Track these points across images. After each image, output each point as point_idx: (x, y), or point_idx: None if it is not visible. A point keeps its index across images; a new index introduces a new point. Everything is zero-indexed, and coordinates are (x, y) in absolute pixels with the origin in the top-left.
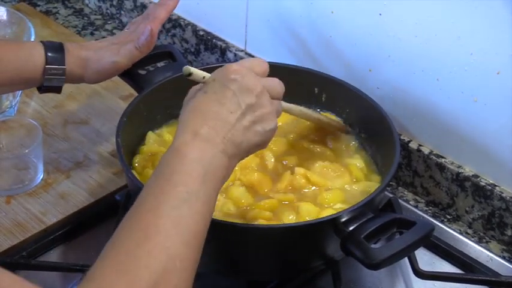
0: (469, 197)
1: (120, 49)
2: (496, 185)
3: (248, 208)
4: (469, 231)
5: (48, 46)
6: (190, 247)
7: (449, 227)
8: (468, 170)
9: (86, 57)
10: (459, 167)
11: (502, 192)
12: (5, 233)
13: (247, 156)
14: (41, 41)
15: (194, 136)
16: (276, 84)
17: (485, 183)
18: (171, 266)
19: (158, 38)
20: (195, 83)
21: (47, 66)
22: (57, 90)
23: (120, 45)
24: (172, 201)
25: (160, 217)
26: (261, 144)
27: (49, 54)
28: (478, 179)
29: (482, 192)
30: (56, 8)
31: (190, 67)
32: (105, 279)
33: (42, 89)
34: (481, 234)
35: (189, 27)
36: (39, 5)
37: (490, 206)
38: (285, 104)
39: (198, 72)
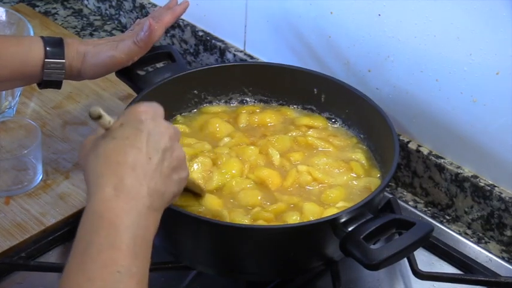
0: (468, 198)
1: (119, 44)
2: (495, 186)
3: (255, 209)
4: (468, 231)
5: (48, 41)
6: None
7: (448, 228)
8: (467, 171)
9: (84, 51)
10: (458, 167)
11: (501, 193)
12: (4, 234)
13: (163, 209)
14: (41, 36)
15: (116, 192)
16: (176, 129)
17: (485, 183)
18: None
19: None
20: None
21: (46, 60)
22: (57, 85)
23: (119, 41)
24: None
25: None
26: (177, 195)
27: (48, 48)
28: (477, 179)
29: (481, 193)
30: (55, 8)
31: (99, 109)
32: None
33: (42, 84)
34: (480, 234)
35: (188, 27)
36: (38, 6)
37: (489, 207)
38: None
39: (106, 117)
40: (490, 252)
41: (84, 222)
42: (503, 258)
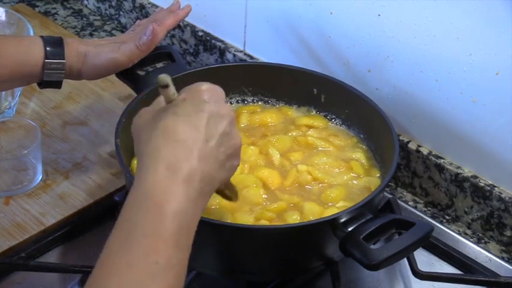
0: (468, 198)
1: (121, 46)
2: (495, 186)
3: (258, 208)
4: (468, 231)
5: (48, 41)
6: None
7: (448, 228)
8: (467, 171)
9: (84, 51)
10: (458, 167)
11: (501, 193)
12: (4, 234)
13: (210, 196)
14: (41, 36)
15: (170, 172)
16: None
17: (484, 183)
18: None
19: None
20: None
21: (46, 60)
22: (58, 85)
23: (121, 43)
24: (139, 276)
25: None
26: (224, 183)
27: (48, 48)
28: (477, 179)
29: (481, 193)
30: (54, 8)
31: (169, 78)
32: None
33: (43, 84)
34: (480, 234)
35: (188, 28)
36: (38, 6)
37: (489, 207)
38: None
39: (172, 88)
40: (490, 252)
41: (132, 201)
42: (503, 258)
